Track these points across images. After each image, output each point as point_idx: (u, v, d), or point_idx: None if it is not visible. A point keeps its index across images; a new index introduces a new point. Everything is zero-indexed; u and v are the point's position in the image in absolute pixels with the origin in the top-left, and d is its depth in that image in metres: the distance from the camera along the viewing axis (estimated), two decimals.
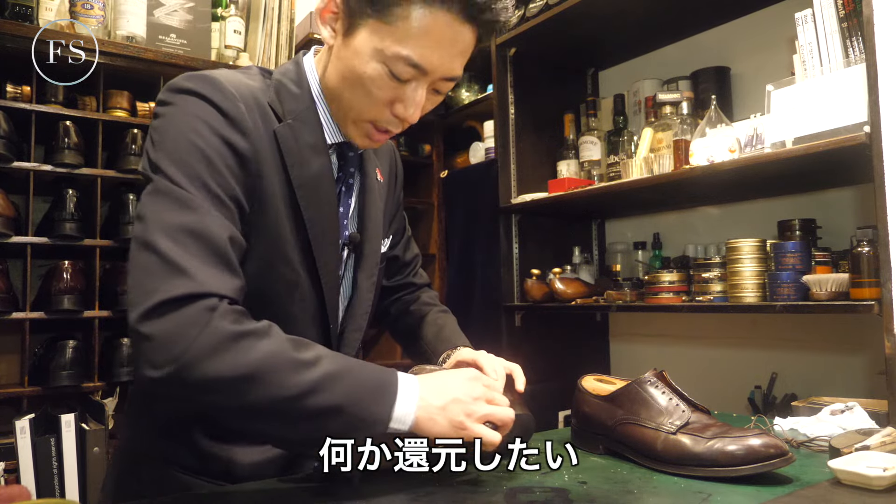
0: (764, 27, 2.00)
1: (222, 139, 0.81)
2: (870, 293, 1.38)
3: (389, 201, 1.11)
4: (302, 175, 0.88)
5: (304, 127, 0.90)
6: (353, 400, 0.75)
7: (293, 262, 0.88)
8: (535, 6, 2.14)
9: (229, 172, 0.81)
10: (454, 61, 0.86)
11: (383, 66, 0.83)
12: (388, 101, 0.87)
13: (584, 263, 2.38)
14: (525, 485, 0.85)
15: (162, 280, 0.71)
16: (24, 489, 1.44)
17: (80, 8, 1.94)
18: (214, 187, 0.78)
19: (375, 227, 1.02)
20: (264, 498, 0.82)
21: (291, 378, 0.72)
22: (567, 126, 2.35)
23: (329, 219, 0.92)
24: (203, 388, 0.70)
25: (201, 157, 0.79)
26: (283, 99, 0.90)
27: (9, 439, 1.52)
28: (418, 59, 0.83)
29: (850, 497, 0.77)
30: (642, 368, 1.00)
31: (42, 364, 1.85)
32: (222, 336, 0.71)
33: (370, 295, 1.02)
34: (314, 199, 0.89)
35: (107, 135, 1.96)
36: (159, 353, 0.69)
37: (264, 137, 0.85)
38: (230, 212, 0.79)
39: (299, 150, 0.88)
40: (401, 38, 0.82)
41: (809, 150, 1.46)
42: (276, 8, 2.30)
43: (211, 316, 0.71)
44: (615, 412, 0.97)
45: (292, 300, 0.89)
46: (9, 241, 1.79)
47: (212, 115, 0.81)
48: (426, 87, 0.87)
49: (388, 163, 1.12)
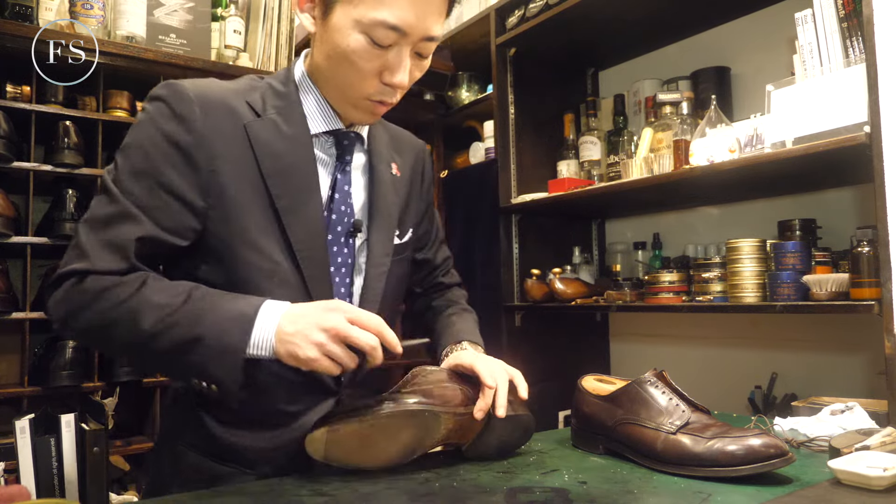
0: (764, 27, 2.00)
1: (169, 139, 0.88)
2: (870, 293, 1.38)
3: (413, 198, 1.12)
4: (273, 166, 0.92)
5: (283, 120, 0.94)
6: (211, 332, 0.81)
7: (265, 250, 0.91)
8: (535, 6, 2.14)
9: (171, 170, 0.87)
10: (429, 19, 0.89)
11: (364, 36, 0.87)
12: (376, 71, 0.90)
13: (584, 263, 2.38)
14: (525, 485, 0.85)
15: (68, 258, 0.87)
16: (24, 489, 1.44)
17: (80, 8, 1.94)
18: (150, 183, 0.87)
19: (385, 218, 1.03)
20: (264, 498, 0.82)
21: (147, 319, 0.81)
22: (567, 126, 2.35)
23: (310, 208, 0.94)
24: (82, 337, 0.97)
25: (145, 155, 0.88)
26: (265, 97, 0.95)
27: (9, 439, 1.52)
28: (395, 21, 0.86)
29: (850, 497, 0.77)
30: (642, 368, 1.00)
31: (42, 364, 1.85)
32: (86, 296, 0.84)
33: (380, 283, 1.01)
34: (288, 187, 0.92)
35: (107, 135, 1.97)
36: (53, 313, 0.87)
37: (226, 134, 0.90)
38: (158, 204, 0.87)
39: (272, 143, 0.92)
40: (373, 3, 0.85)
41: (809, 150, 1.46)
42: (276, 8, 2.30)
43: (85, 282, 0.84)
44: (615, 412, 0.97)
45: (270, 286, 0.91)
46: (9, 241, 1.79)
47: (164, 116, 0.89)
48: (409, 51, 0.90)
49: (411, 160, 1.14)
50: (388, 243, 1.04)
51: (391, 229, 1.05)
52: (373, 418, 0.87)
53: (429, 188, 1.19)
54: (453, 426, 0.93)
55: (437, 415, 0.91)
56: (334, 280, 0.98)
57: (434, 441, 0.93)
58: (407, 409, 0.89)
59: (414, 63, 0.92)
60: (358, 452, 0.89)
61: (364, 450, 0.89)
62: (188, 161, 0.88)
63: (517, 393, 0.98)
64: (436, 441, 0.93)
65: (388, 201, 1.04)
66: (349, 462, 0.89)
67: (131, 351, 0.90)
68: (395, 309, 1.10)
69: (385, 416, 0.88)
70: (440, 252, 1.25)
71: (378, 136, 1.08)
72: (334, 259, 0.98)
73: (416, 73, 0.94)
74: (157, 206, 0.87)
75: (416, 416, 0.90)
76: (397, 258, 1.06)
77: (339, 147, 1.00)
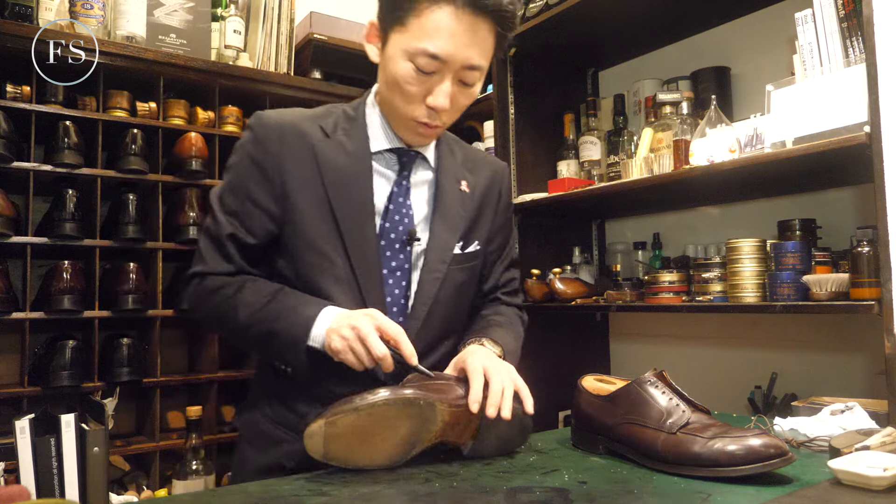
0: (764, 27, 2.00)
1: (252, 160, 1.07)
2: (870, 293, 1.38)
3: (484, 214, 1.20)
4: (335, 179, 1.07)
5: (348, 139, 1.10)
6: (283, 327, 1.00)
7: (325, 252, 1.06)
8: (535, 6, 2.14)
9: (254, 185, 1.07)
10: (468, 50, 0.99)
11: (410, 64, 0.99)
12: (421, 95, 1.02)
13: (584, 263, 2.38)
14: (525, 485, 0.85)
15: (193, 261, 1.10)
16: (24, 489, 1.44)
17: (80, 8, 1.94)
18: (241, 198, 1.07)
19: (445, 229, 1.13)
20: (264, 498, 0.82)
21: (242, 316, 1.03)
22: (567, 126, 2.35)
23: (362, 214, 1.07)
24: (204, 325, 1.26)
25: (236, 175, 1.09)
26: (337, 121, 1.12)
27: (9, 439, 1.52)
28: (435, 50, 0.97)
29: (850, 497, 0.77)
30: (642, 368, 1.00)
31: (42, 364, 1.85)
32: (204, 294, 1.08)
33: (433, 288, 1.10)
34: (345, 197, 1.07)
35: (107, 135, 1.97)
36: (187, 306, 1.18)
37: (296, 153, 1.07)
38: (248, 213, 1.07)
39: (335, 159, 1.07)
40: (418, 35, 0.98)
41: (809, 150, 1.46)
42: (276, 8, 2.30)
43: (204, 282, 1.07)
44: (615, 412, 0.97)
45: (328, 282, 1.06)
46: (9, 241, 1.79)
47: (250, 142, 1.09)
48: (451, 78, 1.01)
49: (486, 179, 1.22)
50: (447, 252, 1.12)
51: (451, 239, 1.13)
52: (369, 407, 0.88)
53: (505, 207, 1.27)
54: (450, 419, 0.94)
55: (432, 404, 0.92)
56: (388, 281, 1.09)
57: (432, 435, 0.93)
58: (403, 397, 0.90)
59: (458, 90, 1.03)
60: (357, 447, 0.89)
61: (363, 444, 0.89)
62: (265, 176, 1.06)
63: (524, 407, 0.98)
64: (434, 434, 0.93)
65: (450, 214, 1.14)
66: (348, 459, 0.90)
67: (234, 337, 1.13)
68: (456, 314, 1.18)
69: (381, 404, 0.89)
70: (507, 272, 1.29)
71: (448, 156, 1.19)
72: (388, 262, 1.09)
73: (461, 99, 1.05)
74: (245, 215, 1.06)
75: (412, 404, 0.91)
76: (457, 266, 1.14)
77: (400, 163, 1.12)
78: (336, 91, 2.37)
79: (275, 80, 2.25)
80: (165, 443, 1.99)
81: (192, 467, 1.83)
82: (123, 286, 1.93)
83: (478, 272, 1.22)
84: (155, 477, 1.97)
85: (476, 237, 1.18)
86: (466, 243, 1.16)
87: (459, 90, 1.03)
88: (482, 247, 1.20)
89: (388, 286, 1.09)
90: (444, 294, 1.12)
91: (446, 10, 0.96)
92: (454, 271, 1.14)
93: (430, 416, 0.92)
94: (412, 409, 0.91)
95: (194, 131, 2.06)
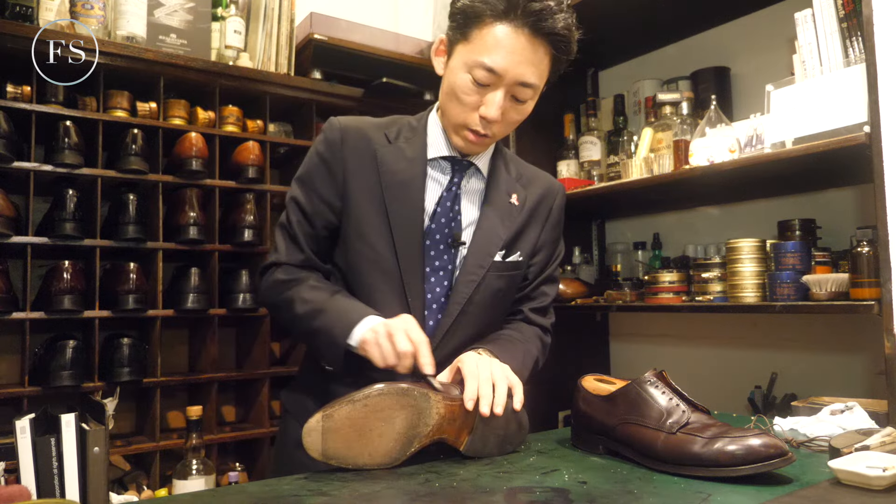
0: (764, 27, 2.00)
1: (321, 158, 1.19)
2: (870, 293, 1.38)
3: (531, 228, 1.25)
4: (391, 181, 1.16)
5: (408, 146, 1.19)
6: (327, 327, 1.09)
7: (374, 244, 1.15)
8: None
9: (321, 181, 1.18)
10: (522, 67, 1.07)
11: (468, 75, 1.08)
12: (475, 105, 1.10)
13: (584, 263, 2.38)
14: (525, 485, 0.85)
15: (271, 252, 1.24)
16: (24, 489, 1.44)
17: (80, 8, 1.94)
18: (309, 191, 1.19)
19: (486, 237, 1.19)
20: (264, 497, 0.82)
21: (297, 310, 1.13)
22: (567, 126, 2.35)
23: (412, 214, 1.15)
24: (272, 309, 1.27)
25: (307, 171, 1.21)
26: (401, 129, 1.21)
27: (9, 439, 1.52)
28: (491, 64, 1.06)
29: (850, 497, 0.77)
30: (642, 368, 1.00)
31: (42, 364, 1.85)
32: (273, 283, 1.19)
33: (467, 290, 1.16)
34: (398, 197, 1.15)
35: (107, 135, 1.96)
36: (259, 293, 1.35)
37: (359, 155, 1.18)
38: (314, 206, 1.18)
39: (393, 163, 1.17)
40: (478, 50, 1.07)
41: (809, 150, 1.46)
42: (276, 8, 2.30)
43: (278, 271, 1.19)
44: (615, 412, 0.98)
45: (374, 272, 1.15)
46: (9, 241, 1.79)
47: (320, 143, 1.21)
48: (504, 92, 1.09)
49: (538, 196, 1.27)
50: (486, 258, 1.18)
51: (492, 247, 1.19)
52: (365, 398, 0.90)
53: (554, 224, 1.30)
54: (445, 412, 0.94)
55: (427, 395, 0.94)
56: (430, 278, 1.16)
57: (429, 430, 0.94)
58: (397, 387, 0.93)
59: (510, 105, 1.11)
60: (354, 442, 0.90)
61: (360, 438, 0.90)
62: (330, 172, 1.17)
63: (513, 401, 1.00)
64: (431, 429, 0.94)
65: (494, 223, 1.20)
66: (347, 456, 0.90)
67: (289, 327, 1.21)
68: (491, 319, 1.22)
69: (376, 395, 0.91)
70: (541, 287, 1.30)
71: (501, 169, 1.25)
72: (432, 261, 1.16)
73: (513, 114, 1.13)
74: (313, 208, 1.18)
75: (406, 394, 0.93)
76: (496, 273, 1.19)
77: (452, 171, 1.20)
78: (336, 91, 2.37)
79: (275, 80, 2.25)
80: (165, 443, 1.99)
81: (192, 467, 1.83)
82: (123, 286, 1.93)
83: (517, 282, 1.25)
84: (155, 477, 1.97)
85: (519, 248, 1.23)
86: (509, 252, 1.21)
87: (511, 105, 1.11)
88: (525, 258, 1.24)
89: (429, 283, 1.16)
90: (480, 297, 1.17)
91: (507, 27, 1.05)
92: (492, 277, 1.19)
93: (426, 407, 0.93)
94: (407, 398, 0.93)
95: (194, 131, 2.06)
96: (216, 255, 2.12)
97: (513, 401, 0.99)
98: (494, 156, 1.25)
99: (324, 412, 0.89)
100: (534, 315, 1.29)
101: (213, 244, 2.12)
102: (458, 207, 1.19)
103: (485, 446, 0.99)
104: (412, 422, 0.93)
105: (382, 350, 1.01)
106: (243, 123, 2.23)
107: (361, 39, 2.43)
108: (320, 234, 1.19)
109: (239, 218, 2.15)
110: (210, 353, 2.10)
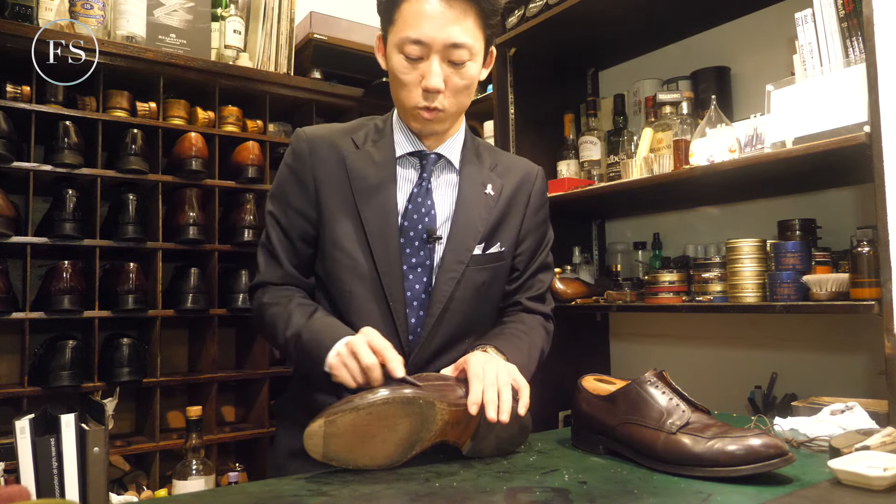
0: (764, 27, 2.00)
1: (291, 171, 1.19)
2: (870, 293, 1.38)
3: (511, 217, 1.23)
4: (361, 186, 1.16)
5: (375, 149, 1.19)
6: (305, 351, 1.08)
7: (350, 251, 1.15)
8: (535, 6, 2.14)
9: (293, 194, 1.18)
10: (445, 29, 1.06)
11: (401, 55, 1.09)
12: (416, 81, 1.10)
13: (584, 263, 2.38)
14: (525, 485, 0.85)
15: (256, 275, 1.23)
16: (24, 489, 1.43)
17: (80, 8, 1.94)
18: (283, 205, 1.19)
19: (463, 231, 1.17)
20: (264, 497, 0.82)
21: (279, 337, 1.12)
22: (567, 126, 2.35)
23: (385, 215, 1.15)
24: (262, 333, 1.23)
25: (279, 185, 1.21)
26: (367, 133, 1.21)
27: (9, 439, 1.52)
28: (416, 35, 1.06)
29: (850, 497, 0.77)
30: (642, 368, 1.00)
31: (42, 364, 1.85)
32: (258, 308, 1.19)
33: (448, 286, 1.15)
34: (370, 201, 1.15)
35: (107, 135, 1.97)
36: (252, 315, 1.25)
37: (328, 164, 1.17)
38: (290, 220, 1.18)
39: (362, 168, 1.17)
40: (402, 27, 1.07)
41: (809, 150, 1.45)
42: (276, 8, 2.30)
43: (262, 293, 1.19)
44: (615, 412, 0.97)
45: (353, 279, 1.15)
46: (9, 241, 1.79)
47: (289, 155, 1.21)
48: (439, 59, 1.08)
49: (514, 183, 1.25)
50: (465, 252, 1.17)
51: (470, 241, 1.17)
52: (369, 406, 0.88)
53: (535, 210, 1.28)
54: (450, 418, 0.94)
55: (432, 403, 0.92)
56: (408, 277, 1.15)
57: (432, 434, 0.93)
58: (402, 395, 0.90)
59: (451, 71, 1.09)
60: (356, 447, 0.89)
61: (362, 444, 0.89)
62: (301, 184, 1.18)
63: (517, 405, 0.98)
64: (433, 434, 0.93)
65: (470, 215, 1.18)
66: (348, 459, 0.90)
67: (276, 345, 1.19)
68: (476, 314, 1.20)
69: (380, 403, 0.89)
70: (535, 276, 1.29)
71: (473, 160, 1.23)
72: (409, 259, 1.15)
73: (455, 79, 1.10)
74: (289, 222, 1.18)
75: (411, 403, 0.90)
76: (476, 267, 1.18)
77: (421, 165, 1.19)
78: (336, 91, 2.37)
79: (275, 79, 2.25)
80: (165, 443, 1.99)
81: (192, 467, 1.83)
82: (123, 286, 1.93)
83: (503, 274, 1.24)
84: (155, 477, 1.97)
85: (499, 239, 1.21)
86: (488, 245, 1.19)
87: (452, 71, 1.09)
88: (507, 249, 1.23)
89: (408, 282, 1.15)
90: (462, 293, 1.16)
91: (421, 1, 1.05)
92: (473, 271, 1.18)
93: (430, 415, 0.92)
94: (412, 407, 0.91)
95: (194, 131, 2.06)
96: (216, 255, 2.12)
97: (518, 405, 0.97)
98: (465, 147, 1.23)
99: (326, 417, 0.88)
100: (532, 303, 1.28)
101: (213, 244, 2.12)
102: (431, 202, 1.17)
103: (486, 448, 0.99)
104: (415, 428, 0.92)
105: (350, 370, 0.99)
106: (243, 123, 2.23)
107: (361, 39, 2.43)
108: (300, 247, 1.19)
109: (238, 218, 2.15)
110: (210, 353, 2.11)
